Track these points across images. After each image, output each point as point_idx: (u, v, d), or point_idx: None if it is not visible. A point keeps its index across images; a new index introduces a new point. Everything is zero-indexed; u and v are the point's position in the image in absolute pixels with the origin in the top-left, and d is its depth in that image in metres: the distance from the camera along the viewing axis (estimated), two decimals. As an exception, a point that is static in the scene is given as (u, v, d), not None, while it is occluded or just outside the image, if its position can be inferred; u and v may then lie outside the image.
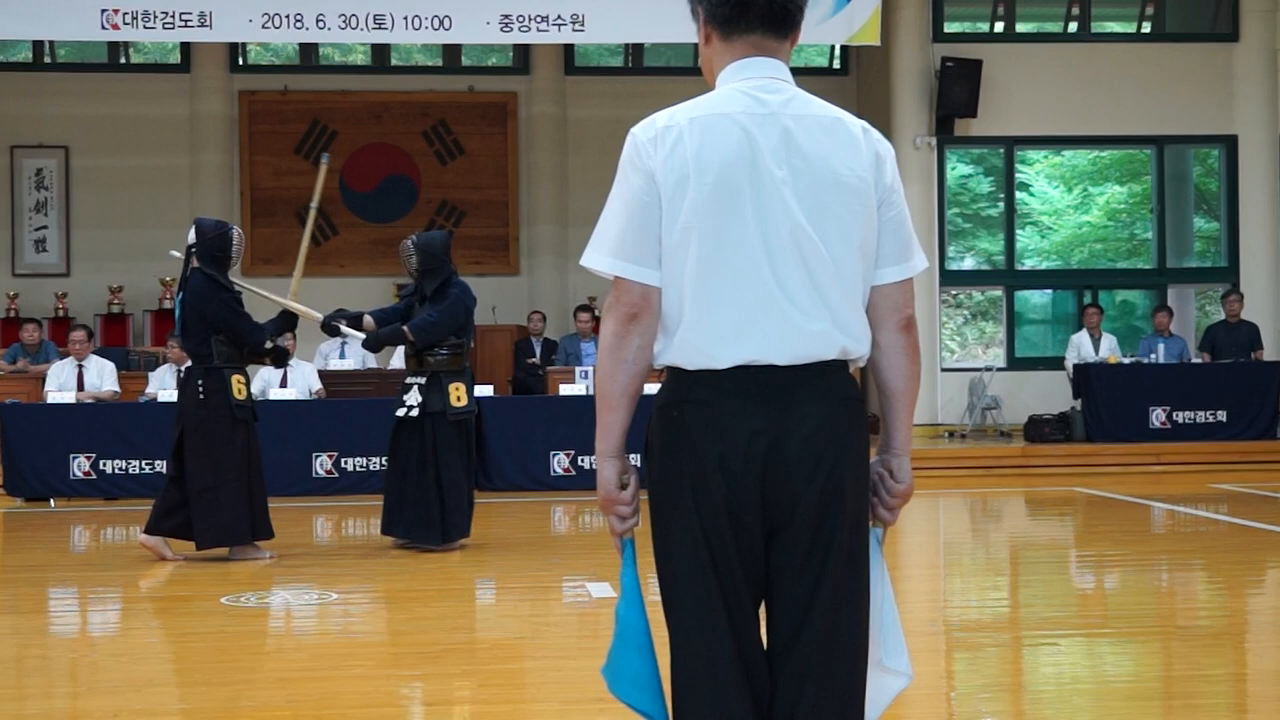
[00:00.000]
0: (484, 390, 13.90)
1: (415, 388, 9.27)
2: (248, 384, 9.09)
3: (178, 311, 9.06)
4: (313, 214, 10.18)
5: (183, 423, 8.92)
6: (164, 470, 10.75)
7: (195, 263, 8.90)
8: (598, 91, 19.02)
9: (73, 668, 6.41)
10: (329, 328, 9.72)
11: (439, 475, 9.15)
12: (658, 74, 19.20)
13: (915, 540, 10.33)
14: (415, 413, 9.19)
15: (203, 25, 14.06)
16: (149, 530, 8.98)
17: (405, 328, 9.23)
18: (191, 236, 8.99)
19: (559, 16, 14.29)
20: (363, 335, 9.49)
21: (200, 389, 8.84)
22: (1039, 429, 15.86)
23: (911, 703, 5.12)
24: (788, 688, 2.78)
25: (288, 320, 9.39)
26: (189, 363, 9.16)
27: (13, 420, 12.87)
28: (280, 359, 9.54)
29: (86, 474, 12.79)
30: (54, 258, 18.54)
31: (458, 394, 9.24)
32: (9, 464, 12.85)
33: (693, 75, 16.26)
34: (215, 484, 8.78)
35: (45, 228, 18.56)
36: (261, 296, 9.52)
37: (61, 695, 5.86)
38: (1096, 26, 18.66)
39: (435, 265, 9.30)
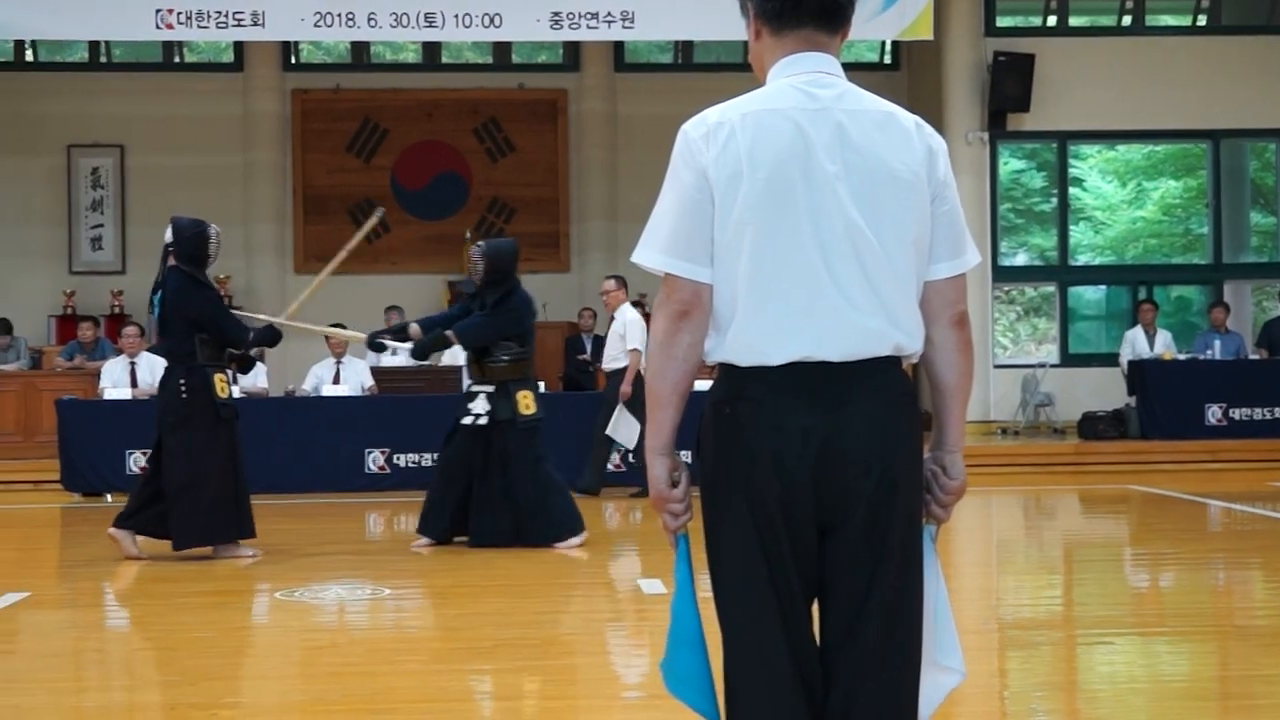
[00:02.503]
0: (535, 387, 13.90)
1: (482, 396, 9.23)
2: (230, 382, 9.11)
3: (156, 310, 9.08)
4: (342, 256, 10.20)
5: (162, 421, 8.92)
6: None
7: (173, 262, 8.94)
8: (647, 88, 19.01)
9: (129, 661, 6.47)
10: (375, 345, 9.77)
11: (511, 485, 9.12)
12: (707, 71, 19.17)
13: (968, 538, 10.27)
14: (484, 420, 9.16)
15: (255, 24, 14.16)
16: (117, 523, 8.94)
17: (449, 331, 9.23)
18: (169, 236, 8.99)
19: (609, 14, 14.29)
20: (410, 346, 9.49)
21: (182, 387, 8.82)
22: (1093, 426, 15.73)
23: (965, 700, 5.09)
24: (841, 684, 2.77)
25: (271, 335, 9.43)
26: (159, 359, 9.20)
27: (70, 416, 13.01)
28: (247, 366, 9.56)
29: (142, 469, 12.88)
30: (110, 255, 18.73)
31: (526, 402, 9.20)
32: (66, 459, 13.00)
33: (742, 71, 16.20)
34: (194, 483, 8.73)
35: (101, 226, 18.76)
36: (307, 331, 9.59)
37: (118, 688, 5.92)
38: (1150, 20, 18.50)
39: (500, 276, 9.26)
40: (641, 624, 6.95)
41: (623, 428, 11.28)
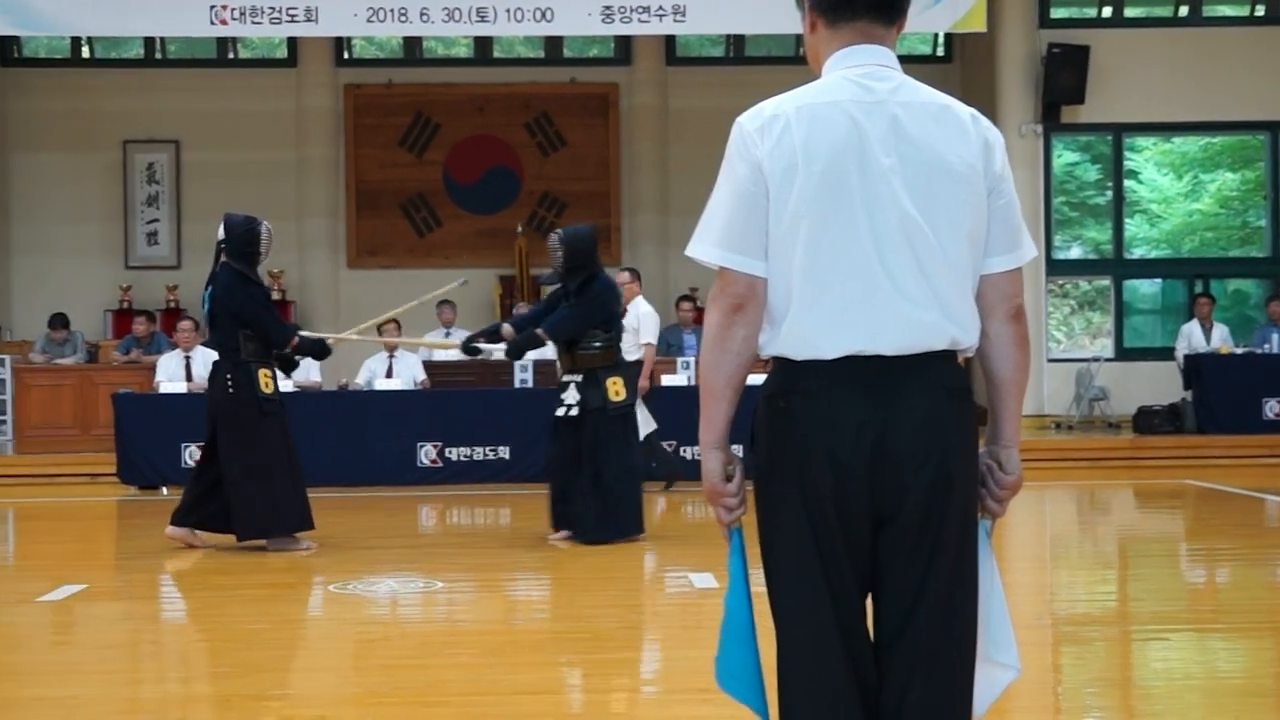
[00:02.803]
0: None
1: (573, 386, 9.21)
2: (275, 378, 9.18)
3: (207, 305, 9.19)
4: (411, 305, 10.78)
5: (214, 416, 9.02)
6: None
7: (224, 258, 9.03)
8: (699, 82, 18.98)
9: (184, 653, 6.53)
10: (470, 350, 9.81)
11: (598, 471, 9.08)
12: (759, 64, 19.10)
13: (1022, 533, 10.21)
14: (575, 411, 9.15)
15: (309, 20, 14.24)
16: (175, 521, 9.08)
17: (540, 329, 9.21)
18: (221, 233, 9.10)
19: (660, 7, 14.28)
20: (503, 347, 9.49)
21: (229, 382, 8.93)
22: (1149, 420, 15.59)
23: (1018, 696, 5.06)
24: (895, 680, 2.76)
25: (319, 349, 9.53)
26: (215, 355, 9.33)
27: (126, 410, 13.14)
28: (288, 367, 9.65)
29: (198, 462, 13.00)
30: (165, 250, 18.90)
31: (615, 388, 9.17)
32: (122, 453, 13.13)
33: (794, 65, 16.16)
34: (249, 476, 8.84)
35: (157, 221, 18.92)
36: (427, 346, 9.77)
37: (174, 680, 5.97)
38: (1208, 10, 18.29)
39: (581, 261, 9.21)
40: (692, 618, 6.94)
41: (640, 424, 11.29)
